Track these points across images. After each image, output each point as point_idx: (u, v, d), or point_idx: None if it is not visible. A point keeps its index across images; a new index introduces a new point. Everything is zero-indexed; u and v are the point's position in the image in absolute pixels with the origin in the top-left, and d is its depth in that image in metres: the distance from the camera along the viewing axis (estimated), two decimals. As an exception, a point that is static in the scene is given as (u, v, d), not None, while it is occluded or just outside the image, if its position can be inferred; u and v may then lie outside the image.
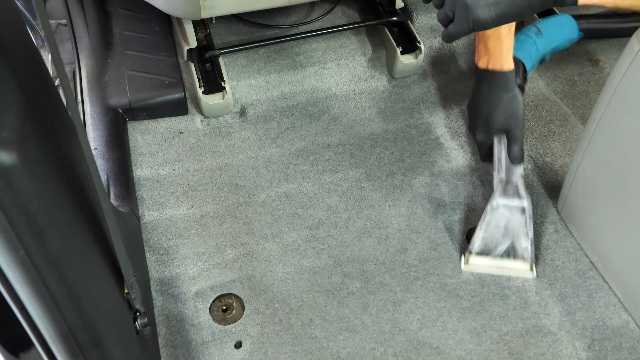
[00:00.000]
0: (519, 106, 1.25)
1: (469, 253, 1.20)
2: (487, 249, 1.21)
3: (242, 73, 1.51)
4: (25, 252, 0.56)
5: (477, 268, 1.20)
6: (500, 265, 1.20)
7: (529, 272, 1.19)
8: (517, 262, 1.19)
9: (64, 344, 0.65)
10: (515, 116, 1.24)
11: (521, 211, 1.21)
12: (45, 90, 0.72)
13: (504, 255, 1.20)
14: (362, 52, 1.57)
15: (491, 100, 1.26)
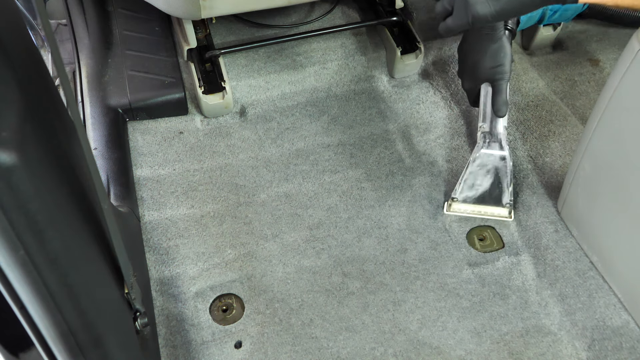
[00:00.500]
0: (505, 57, 1.26)
1: (452, 199, 1.27)
2: (468, 196, 1.26)
3: (242, 73, 1.51)
4: (25, 252, 0.56)
5: (458, 213, 1.27)
6: (480, 210, 1.27)
7: (507, 217, 1.26)
8: (497, 208, 1.27)
9: (64, 344, 0.65)
10: (500, 67, 1.27)
11: (501, 160, 1.25)
12: (45, 90, 0.72)
13: (485, 201, 1.26)
14: (362, 52, 1.57)
15: (478, 49, 1.28)
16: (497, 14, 0.95)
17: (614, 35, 1.67)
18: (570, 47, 1.64)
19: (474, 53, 1.29)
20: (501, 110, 1.28)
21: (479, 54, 1.28)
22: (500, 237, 1.26)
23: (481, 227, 1.28)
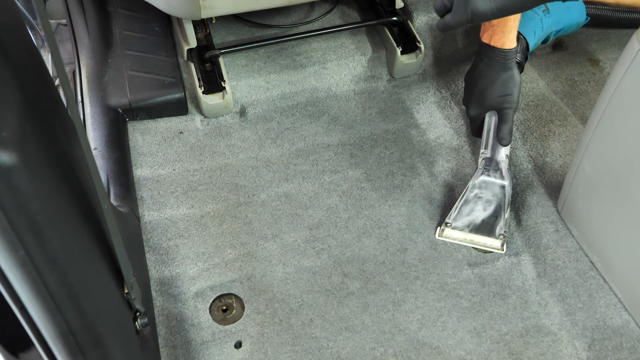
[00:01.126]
0: (515, 87, 1.26)
1: (445, 224, 1.24)
2: (462, 223, 1.24)
3: (242, 73, 1.50)
4: (25, 252, 0.56)
5: (449, 240, 1.25)
6: (473, 240, 1.24)
7: (499, 249, 1.23)
8: (489, 239, 1.23)
9: (64, 344, 0.65)
10: (509, 96, 1.25)
11: (501, 189, 1.24)
12: (45, 90, 0.72)
13: (479, 230, 1.24)
14: (362, 52, 1.57)
15: (488, 76, 1.27)
16: (497, 10, 0.94)
17: (614, 35, 1.67)
18: (570, 47, 1.64)
19: (483, 80, 1.28)
20: (505, 139, 1.27)
21: (488, 81, 1.27)
22: (500, 237, 1.26)
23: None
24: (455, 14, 0.98)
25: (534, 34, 1.38)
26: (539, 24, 1.38)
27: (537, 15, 1.39)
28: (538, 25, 1.38)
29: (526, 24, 1.36)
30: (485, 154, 1.28)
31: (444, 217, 1.27)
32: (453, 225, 1.24)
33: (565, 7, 1.44)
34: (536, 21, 1.38)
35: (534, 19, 1.38)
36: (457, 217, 1.24)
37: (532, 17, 1.38)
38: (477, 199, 1.24)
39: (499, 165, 1.26)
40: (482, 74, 1.28)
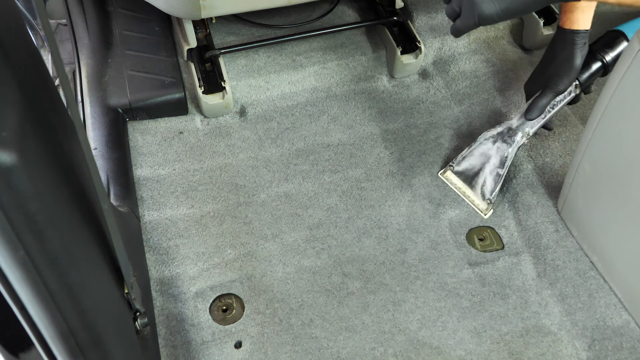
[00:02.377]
0: (568, 71, 1.24)
1: (449, 166, 1.32)
2: (464, 172, 1.31)
3: (242, 73, 1.50)
4: (25, 252, 0.56)
5: (447, 182, 1.32)
6: (466, 193, 1.30)
7: (483, 212, 1.28)
8: (480, 199, 1.29)
9: (64, 344, 0.65)
10: (558, 77, 1.24)
11: (502, 158, 1.28)
12: (45, 90, 0.72)
13: (474, 186, 1.29)
14: (362, 52, 1.57)
15: (547, 53, 1.28)
16: (502, 13, 0.97)
17: (614, 35, 1.66)
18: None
19: (544, 57, 1.29)
20: (530, 113, 1.27)
21: (547, 58, 1.28)
22: (500, 237, 1.26)
23: (481, 227, 1.28)
24: (463, 18, 1.01)
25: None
26: None
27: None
28: None
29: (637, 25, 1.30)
30: (511, 122, 1.30)
31: (446, 217, 1.27)
32: (455, 170, 1.31)
33: None
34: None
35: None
36: (461, 163, 1.30)
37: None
38: (482, 156, 1.29)
39: (514, 138, 1.28)
40: (547, 50, 1.29)
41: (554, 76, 1.25)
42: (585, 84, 1.30)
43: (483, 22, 0.98)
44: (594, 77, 1.30)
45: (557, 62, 1.25)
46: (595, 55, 1.28)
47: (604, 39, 1.30)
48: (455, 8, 1.02)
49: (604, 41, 1.29)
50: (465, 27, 1.02)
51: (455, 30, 1.04)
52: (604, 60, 1.28)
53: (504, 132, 1.30)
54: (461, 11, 1.01)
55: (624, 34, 1.27)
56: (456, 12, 1.02)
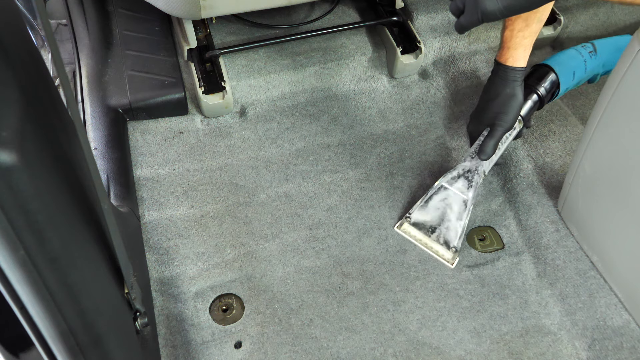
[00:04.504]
0: (512, 108, 1.24)
1: (405, 219, 1.25)
2: (421, 221, 1.24)
3: (242, 73, 1.50)
4: (25, 252, 0.56)
5: (406, 235, 1.25)
6: (428, 243, 1.23)
7: (449, 262, 1.21)
8: (443, 248, 1.22)
9: (64, 344, 0.65)
10: (504, 114, 1.24)
11: (463, 202, 1.22)
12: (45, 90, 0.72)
13: (435, 235, 1.23)
14: (362, 52, 1.57)
15: (490, 91, 1.27)
16: (505, 10, 0.97)
17: (614, 35, 1.66)
18: (570, 47, 1.64)
19: (485, 94, 1.29)
20: (484, 153, 1.24)
21: (490, 96, 1.27)
22: (500, 237, 1.26)
23: (481, 227, 1.28)
24: (467, 15, 1.01)
25: (573, 74, 1.32)
26: (582, 65, 1.33)
27: (580, 56, 1.33)
28: (580, 66, 1.33)
29: (566, 61, 1.32)
30: (465, 164, 1.25)
31: None
32: (413, 221, 1.24)
33: (617, 49, 1.35)
34: (578, 61, 1.33)
35: (576, 58, 1.33)
36: (419, 213, 1.24)
37: (574, 56, 1.34)
38: (441, 202, 1.23)
39: (472, 179, 1.23)
40: (486, 88, 1.29)
41: (500, 113, 1.24)
42: (526, 117, 1.31)
43: (486, 18, 0.99)
44: (533, 110, 1.32)
45: (501, 99, 1.25)
46: (532, 89, 1.30)
47: (535, 73, 1.32)
48: (459, 5, 1.03)
49: (537, 75, 1.31)
50: (469, 24, 1.03)
51: (460, 26, 1.05)
52: (539, 94, 1.30)
53: (460, 175, 1.23)
54: (465, 8, 1.02)
55: (552, 67, 1.31)
56: (460, 9, 1.03)
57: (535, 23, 1.20)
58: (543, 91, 1.31)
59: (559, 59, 1.33)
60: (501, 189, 1.34)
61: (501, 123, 1.24)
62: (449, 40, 1.59)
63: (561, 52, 1.35)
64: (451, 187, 1.23)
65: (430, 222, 1.23)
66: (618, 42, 1.38)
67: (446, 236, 1.22)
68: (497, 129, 1.24)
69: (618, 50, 1.34)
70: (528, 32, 1.21)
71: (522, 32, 1.20)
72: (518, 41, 1.22)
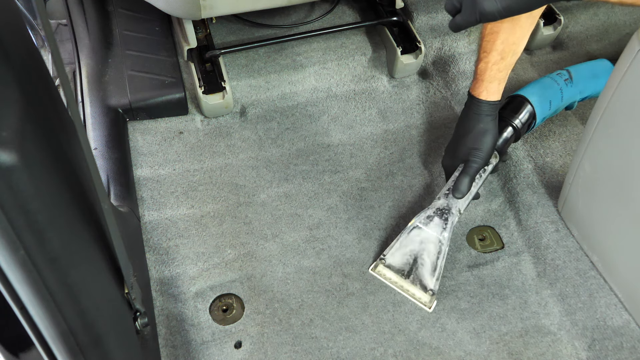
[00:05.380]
0: (487, 143, 1.18)
1: (380, 260, 1.18)
2: (398, 263, 1.17)
3: (242, 73, 1.51)
4: (25, 252, 0.56)
5: (381, 277, 1.18)
6: (404, 286, 1.17)
7: (427, 305, 1.15)
8: (420, 291, 1.15)
9: (64, 344, 0.65)
10: (478, 150, 1.18)
11: (438, 243, 1.14)
12: (45, 90, 0.72)
13: (411, 277, 1.16)
14: (362, 52, 1.57)
15: (464, 125, 1.21)
16: (504, 11, 0.96)
17: (614, 35, 1.67)
18: (570, 47, 1.64)
19: (459, 128, 1.22)
20: (458, 192, 1.17)
21: (464, 130, 1.21)
22: (500, 237, 1.26)
23: (481, 227, 1.28)
24: (464, 14, 1.00)
25: (550, 103, 1.29)
26: (558, 94, 1.30)
27: (556, 84, 1.31)
28: (556, 95, 1.30)
29: (542, 91, 1.29)
30: (439, 202, 1.18)
31: None
32: (388, 263, 1.17)
33: (593, 74, 1.35)
34: (554, 90, 1.30)
35: (552, 87, 1.30)
36: (393, 255, 1.17)
37: (549, 85, 1.31)
38: (416, 243, 1.16)
39: (448, 219, 1.16)
40: (460, 122, 1.23)
41: (475, 149, 1.18)
42: (502, 151, 1.27)
43: (484, 19, 0.98)
44: (509, 144, 1.27)
45: (475, 134, 1.18)
46: (507, 122, 1.26)
47: (510, 105, 1.28)
48: (455, 4, 1.01)
49: (512, 107, 1.27)
50: (466, 23, 1.01)
51: (455, 25, 1.03)
52: (514, 126, 1.26)
53: (434, 215, 1.16)
54: (462, 7, 1.00)
55: (526, 98, 1.27)
56: (456, 8, 1.01)
57: (510, 56, 1.15)
58: (519, 123, 1.26)
59: (534, 89, 1.29)
60: (501, 189, 1.34)
61: (475, 159, 1.18)
62: (449, 40, 1.59)
63: (536, 81, 1.32)
64: (425, 228, 1.15)
65: (405, 263, 1.16)
66: (594, 68, 1.36)
67: (422, 278, 1.15)
68: (471, 165, 1.18)
69: (595, 77, 1.34)
70: (503, 65, 1.16)
71: (497, 65, 1.15)
72: (493, 74, 1.16)
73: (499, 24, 1.11)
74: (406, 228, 1.17)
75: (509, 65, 1.17)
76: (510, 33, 1.12)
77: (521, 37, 1.14)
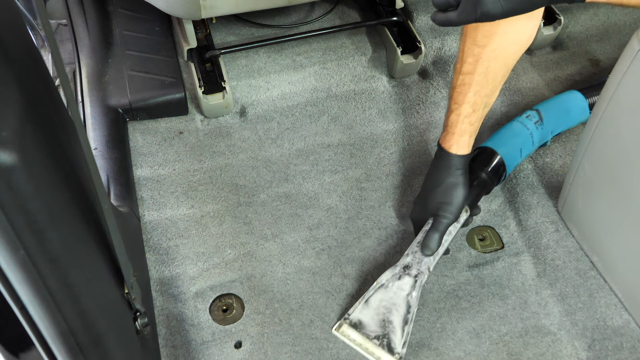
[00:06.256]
0: (457, 197, 1.12)
1: (344, 320, 1.10)
2: (363, 322, 1.10)
3: (242, 73, 1.51)
4: (25, 252, 0.56)
5: (345, 338, 1.10)
6: (369, 348, 1.08)
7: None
8: (387, 355, 1.07)
9: (64, 344, 0.65)
10: (448, 205, 1.12)
11: (406, 304, 1.08)
12: (45, 90, 0.72)
13: (377, 339, 1.08)
14: (362, 52, 1.57)
15: (432, 178, 1.16)
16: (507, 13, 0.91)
17: (614, 35, 1.67)
18: (570, 47, 1.64)
19: (429, 181, 1.17)
20: (428, 248, 1.11)
21: (433, 183, 1.15)
22: (500, 237, 1.26)
23: (481, 227, 1.28)
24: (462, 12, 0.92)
25: (520, 151, 1.25)
26: (529, 140, 1.26)
27: (526, 129, 1.26)
28: (527, 141, 1.26)
29: (511, 140, 1.25)
30: (407, 259, 1.12)
31: None
32: (353, 322, 1.10)
33: (564, 110, 1.32)
34: (525, 137, 1.26)
35: (522, 134, 1.26)
36: (359, 314, 1.10)
37: (520, 132, 1.26)
38: (382, 302, 1.09)
39: (417, 277, 1.10)
40: (430, 173, 1.18)
41: (444, 204, 1.12)
42: (473, 205, 1.21)
43: (484, 19, 0.92)
44: (480, 197, 1.22)
45: (445, 187, 1.13)
46: (477, 175, 1.21)
47: (480, 157, 1.23)
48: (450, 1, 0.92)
49: (481, 159, 1.23)
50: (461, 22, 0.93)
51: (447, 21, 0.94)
52: (485, 179, 1.21)
53: (403, 273, 1.10)
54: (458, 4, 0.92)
55: (494, 150, 1.23)
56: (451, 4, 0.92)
57: (482, 108, 1.10)
58: (489, 176, 1.22)
59: (503, 139, 1.25)
60: (501, 189, 1.34)
61: (445, 215, 1.12)
62: (449, 40, 1.59)
63: (506, 128, 1.28)
64: (393, 287, 1.09)
65: (371, 324, 1.09)
66: (564, 103, 1.33)
67: (389, 341, 1.07)
68: (440, 221, 1.12)
69: (566, 112, 1.32)
70: (475, 117, 1.10)
71: (468, 118, 1.10)
72: (464, 127, 1.11)
73: (470, 76, 1.07)
74: (372, 286, 1.11)
75: (481, 117, 1.12)
76: (483, 85, 1.08)
77: (494, 90, 1.10)
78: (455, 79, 1.11)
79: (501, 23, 1.00)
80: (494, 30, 1.04)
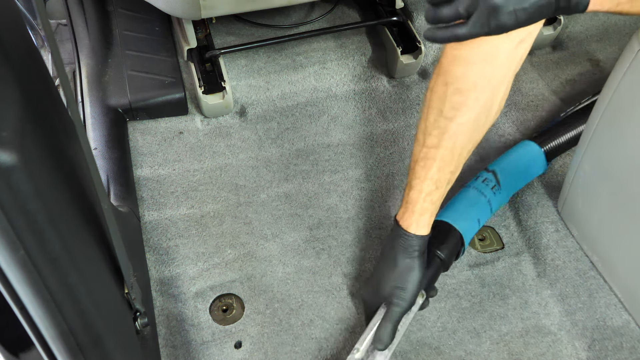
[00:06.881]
0: (413, 282, 1.02)
1: None
2: None
3: (242, 73, 1.51)
4: (25, 252, 0.56)
5: None
6: None
7: None
8: None
9: (64, 344, 0.65)
10: (402, 290, 1.02)
11: None
12: (45, 90, 0.72)
13: None
14: (362, 52, 1.57)
15: (387, 258, 1.06)
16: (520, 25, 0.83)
17: (614, 35, 1.67)
18: (570, 47, 1.64)
19: (383, 262, 1.07)
20: (381, 342, 1.01)
21: (388, 264, 1.05)
22: (500, 237, 1.26)
23: (481, 227, 1.27)
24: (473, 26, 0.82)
25: (478, 222, 1.17)
26: (486, 208, 1.18)
27: (483, 197, 1.18)
28: (484, 209, 1.18)
29: (468, 211, 1.16)
30: (357, 354, 1.01)
31: None
32: None
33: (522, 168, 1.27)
34: (482, 205, 1.17)
35: (479, 202, 1.17)
36: None
37: (476, 200, 1.17)
38: None
39: None
40: (384, 252, 1.08)
41: (398, 289, 1.02)
42: (430, 287, 1.10)
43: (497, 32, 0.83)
44: (436, 277, 1.11)
45: (400, 270, 1.03)
46: (434, 254, 1.10)
47: (435, 233, 1.08)
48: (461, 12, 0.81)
49: (437, 236, 1.10)
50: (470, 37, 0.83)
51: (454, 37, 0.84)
52: (442, 258, 1.10)
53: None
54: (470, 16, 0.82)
55: (451, 225, 1.13)
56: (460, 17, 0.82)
57: (445, 185, 1.02)
58: (447, 254, 1.11)
59: (459, 210, 1.16)
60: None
61: (399, 302, 1.02)
62: (449, 40, 1.59)
63: (462, 197, 1.19)
64: None
65: None
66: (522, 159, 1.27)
67: None
68: (394, 309, 1.02)
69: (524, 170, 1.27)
70: (437, 195, 1.02)
71: (430, 196, 1.01)
72: (426, 206, 1.02)
73: (435, 151, 0.98)
74: None
75: (443, 195, 1.03)
76: (447, 162, 0.99)
77: (458, 166, 1.02)
78: (416, 150, 1.02)
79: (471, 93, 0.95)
80: (463, 101, 0.96)
